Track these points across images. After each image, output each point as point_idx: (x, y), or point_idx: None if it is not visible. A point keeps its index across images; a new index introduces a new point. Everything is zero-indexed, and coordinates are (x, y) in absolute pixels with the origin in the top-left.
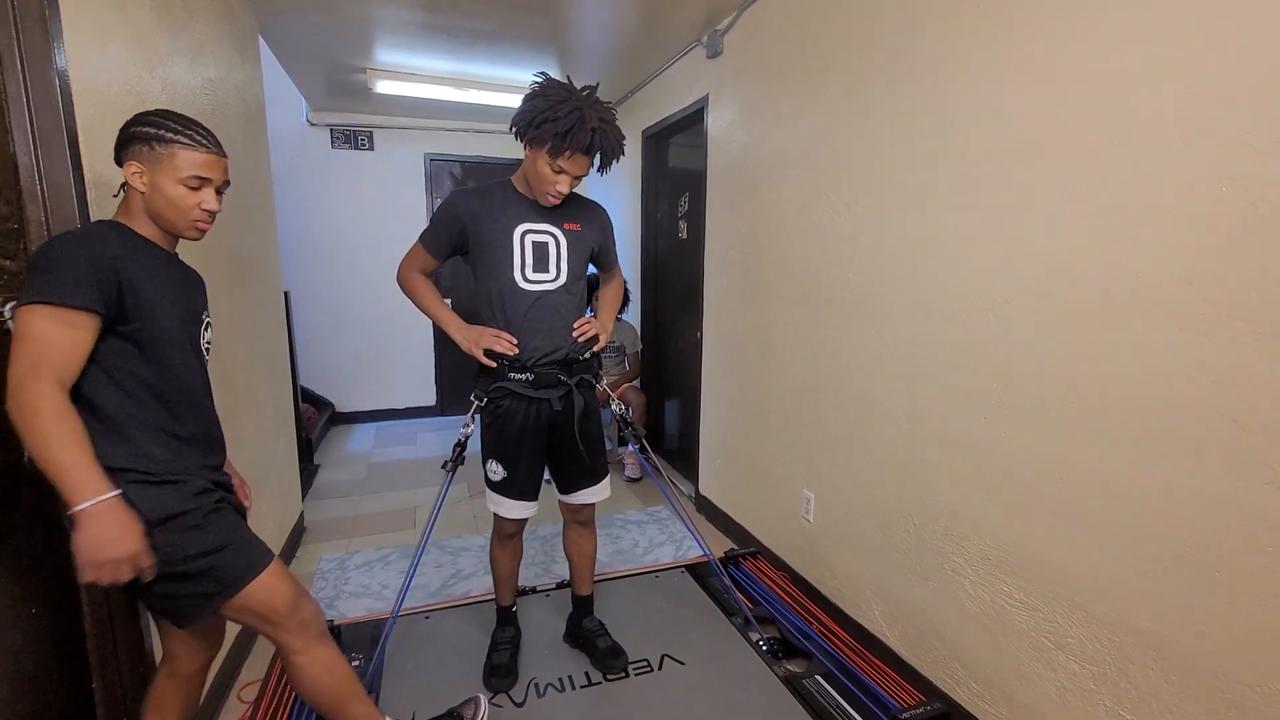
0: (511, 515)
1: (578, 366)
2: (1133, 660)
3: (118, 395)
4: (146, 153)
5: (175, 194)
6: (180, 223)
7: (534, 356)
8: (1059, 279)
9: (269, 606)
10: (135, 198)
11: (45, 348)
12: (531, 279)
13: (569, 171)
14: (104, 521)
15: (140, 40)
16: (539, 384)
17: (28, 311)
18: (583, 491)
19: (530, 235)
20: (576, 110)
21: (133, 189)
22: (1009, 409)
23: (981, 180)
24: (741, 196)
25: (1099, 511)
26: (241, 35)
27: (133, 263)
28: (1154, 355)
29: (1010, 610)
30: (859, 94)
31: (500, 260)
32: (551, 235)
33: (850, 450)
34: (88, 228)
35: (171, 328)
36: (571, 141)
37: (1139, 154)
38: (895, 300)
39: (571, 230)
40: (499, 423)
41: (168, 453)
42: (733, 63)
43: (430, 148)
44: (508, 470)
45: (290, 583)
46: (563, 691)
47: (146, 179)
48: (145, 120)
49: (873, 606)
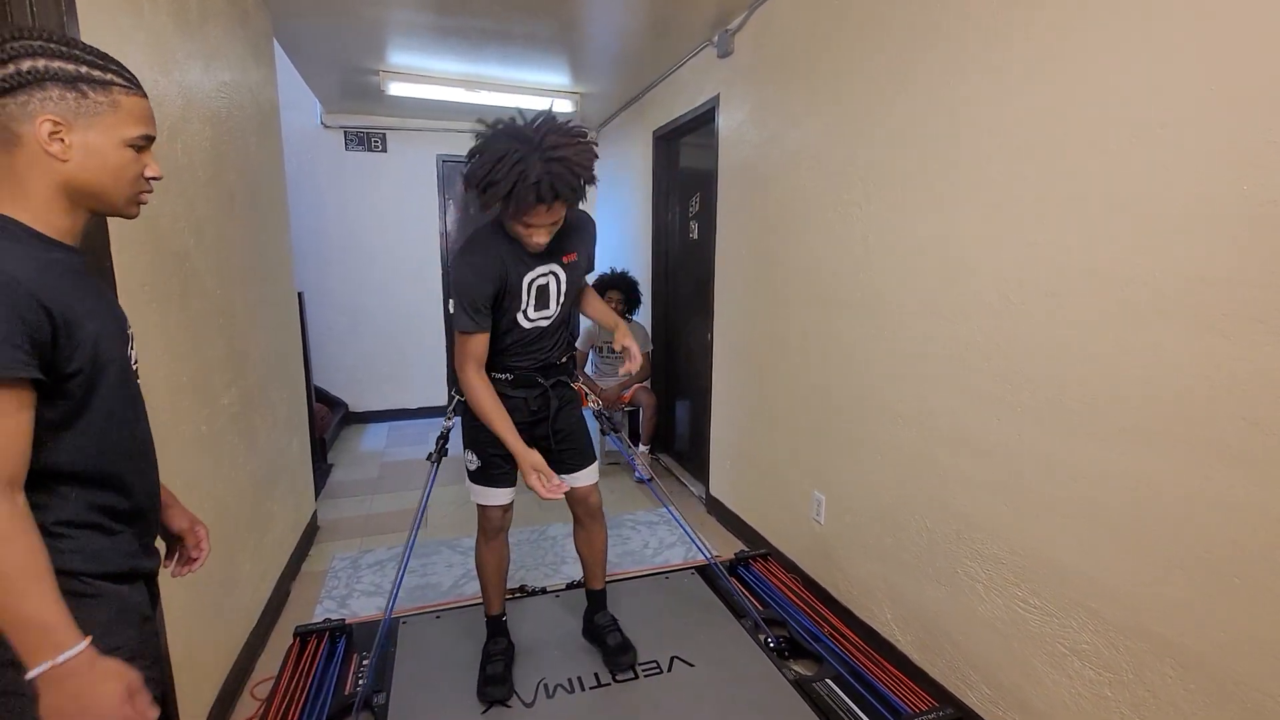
0: (489, 502)
1: (554, 370)
2: (1150, 667)
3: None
4: (71, 102)
5: (120, 160)
6: (120, 199)
7: (518, 366)
8: (1073, 279)
9: None
10: (39, 171)
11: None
12: (533, 318)
13: (536, 224)
14: (75, 683)
15: (156, 44)
16: (517, 384)
17: None
18: (572, 475)
19: (536, 281)
20: (517, 165)
21: (39, 156)
22: (1022, 410)
23: (994, 180)
24: (753, 197)
25: (1114, 515)
26: (256, 38)
27: (56, 286)
28: (1170, 356)
29: (1024, 615)
30: (871, 94)
31: (511, 305)
32: (552, 274)
33: (861, 452)
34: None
35: (114, 364)
36: (519, 201)
37: (1155, 153)
38: (908, 301)
39: (570, 263)
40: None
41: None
42: (744, 62)
43: (442, 149)
44: (482, 460)
45: None
46: (572, 692)
47: (71, 139)
48: (48, 49)
49: (884, 610)
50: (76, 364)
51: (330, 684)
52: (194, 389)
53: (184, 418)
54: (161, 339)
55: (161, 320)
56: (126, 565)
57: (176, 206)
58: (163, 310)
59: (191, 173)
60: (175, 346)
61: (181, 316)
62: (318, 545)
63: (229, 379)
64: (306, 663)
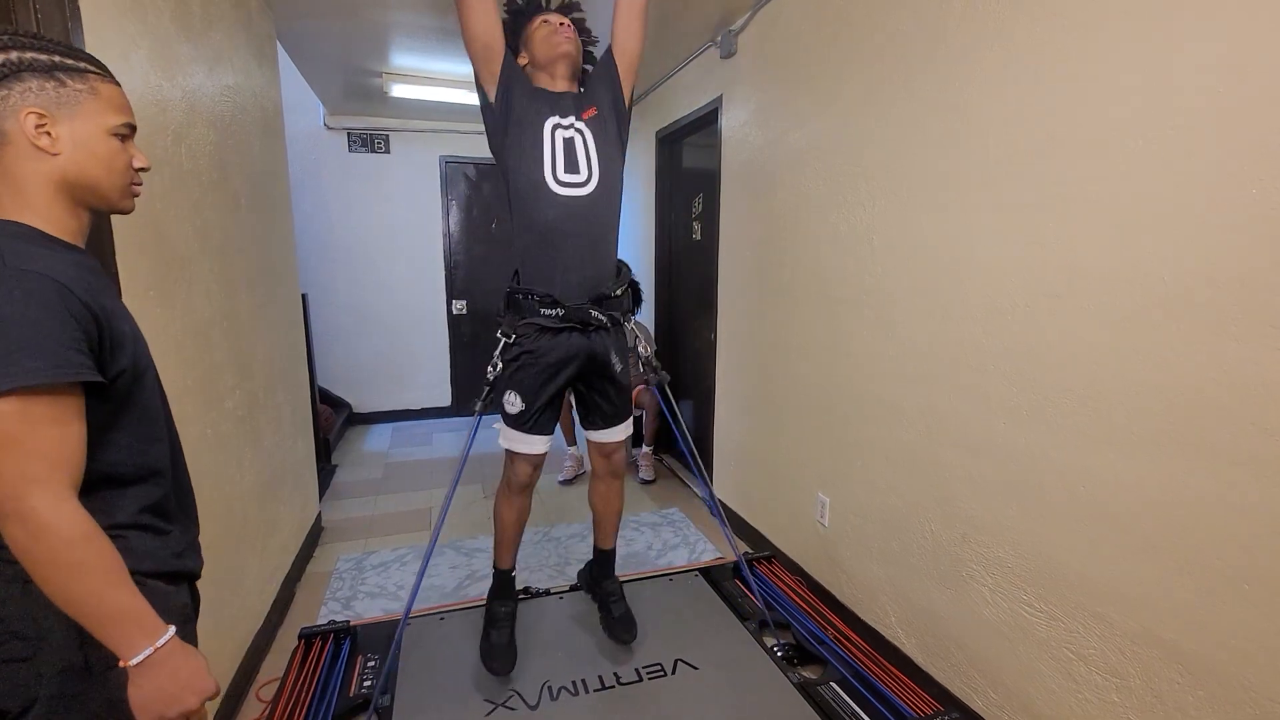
0: (523, 449)
1: (609, 303)
2: (1158, 674)
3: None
4: (51, 92)
5: (109, 149)
6: (114, 191)
7: (566, 290)
8: (1081, 280)
9: None
10: (32, 169)
11: (31, 443)
12: (564, 180)
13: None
14: (167, 668)
15: (161, 49)
16: (569, 319)
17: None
18: (610, 430)
19: (559, 130)
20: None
21: (28, 150)
22: (1029, 413)
23: (1001, 180)
24: (756, 197)
25: (1123, 520)
26: (260, 41)
27: (93, 288)
28: (1180, 360)
29: (1030, 619)
30: (875, 94)
31: (531, 157)
32: (577, 130)
33: (866, 454)
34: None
35: (150, 364)
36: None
37: (1164, 154)
38: (913, 302)
39: (592, 118)
40: (524, 355)
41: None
42: (747, 63)
43: (445, 150)
44: (525, 403)
45: None
46: (576, 695)
47: (58, 132)
48: (17, 41)
49: (889, 613)
50: (121, 364)
51: (335, 686)
52: (199, 392)
53: (190, 422)
54: (167, 343)
55: (166, 324)
56: (175, 565)
57: (181, 210)
58: (167, 314)
59: (196, 177)
60: (180, 350)
61: (186, 320)
62: (322, 546)
63: (234, 382)
64: (311, 664)
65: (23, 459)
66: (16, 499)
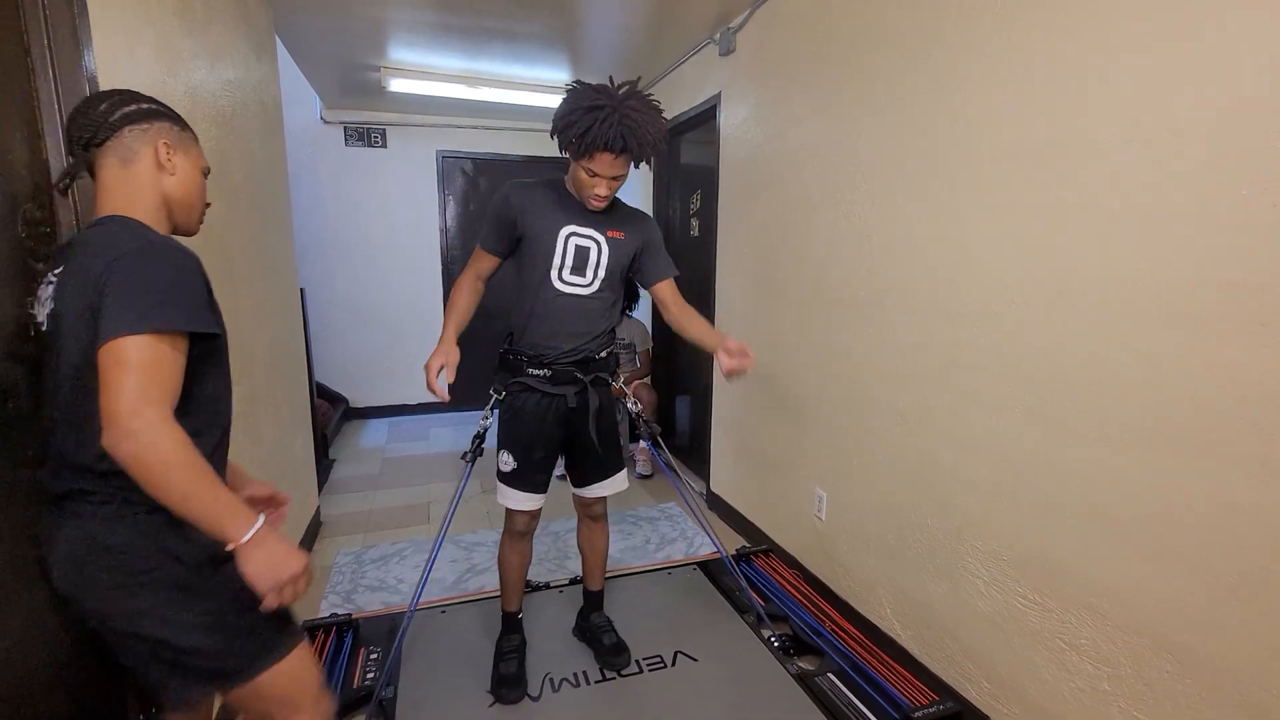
0: (519, 507)
1: (594, 365)
2: (1148, 663)
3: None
4: (175, 132)
5: (199, 183)
6: (195, 214)
7: (554, 354)
8: (1075, 281)
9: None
10: (147, 183)
11: (155, 373)
12: (567, 280)
13: (600, 174)
14: (268, 546)
15: (164, 44)
16: (556, 380)
17: (140, 343)
18: (596, 485)
19: (574, 238)
20: (594, 110)
21: (152, 169)
22: (1023, 411)
23: (998, 181)
24: (754, 194)
25: (1116, 516)
26: (259, 35)
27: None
28: (1170, 360)
29: (1023, 611)
30: (874, 93)
31: (541, 257)
32: (594, 240)
33: (862, 450)
34: (157, 237)
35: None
36: (590, 143)
37: (1157, 155)
38: (909, 300)
39: (615, 239)
40: (515, 415)
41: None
42: (745, 60)
43: (443, 145)
44: (519, 461)
45: (318, 667)
46: (577, 686)
47: (175, 160)
48: (142, 97)
49: (885, 605)
50: (218, 327)
51: (339, 679)
52: None
53: None
54: None
55: None
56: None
57: None
58: None
59: None
60: None
61: None
62: (321, 540)
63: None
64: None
65: (148, 383)
66: (135, 414)
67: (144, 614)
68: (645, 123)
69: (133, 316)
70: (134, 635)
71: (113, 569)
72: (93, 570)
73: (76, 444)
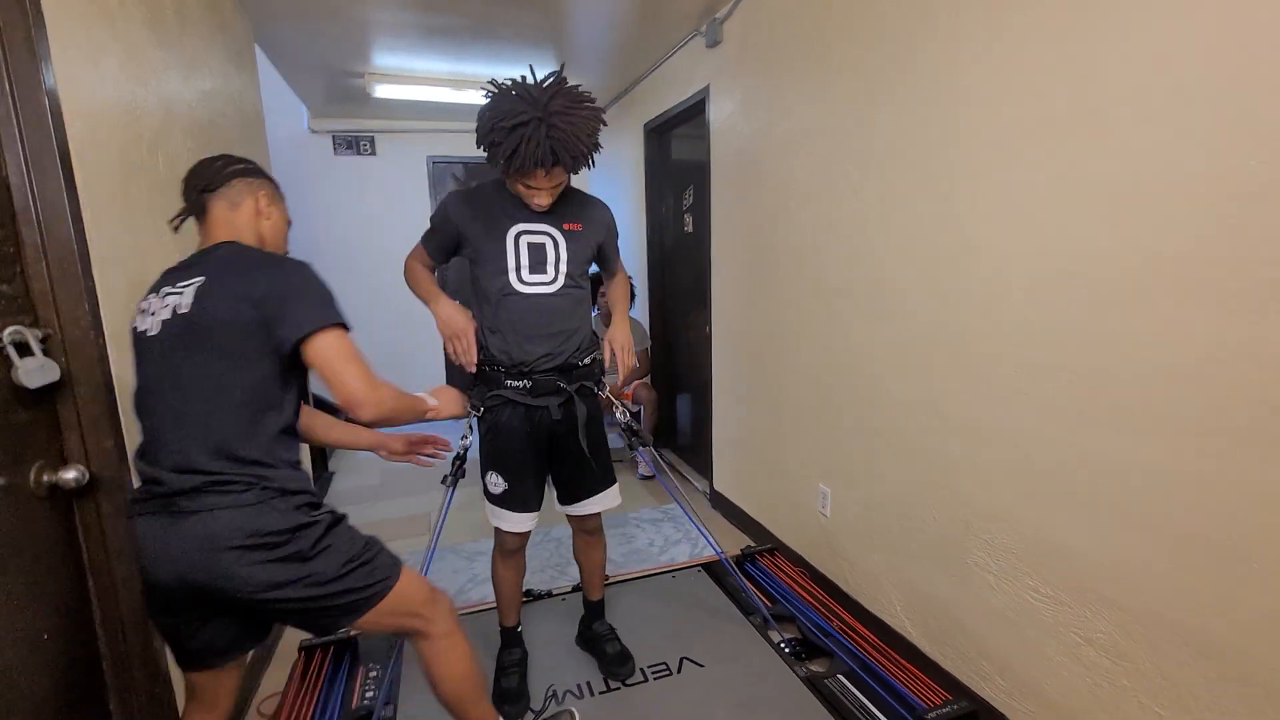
0: (513, 529)
1: (577, 372)
2: (1167, 655)
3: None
4: (272, 189)
5: (285, 231)
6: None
7: (530, 362)
8: (1081, 262)
9: (417, 600)
10: (248, 222)
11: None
12: (528, 280)
13: (536, 186)
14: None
15: (133, 55)
16: (537, 391)
17: (340, 334)
18: (588, 501)
19: (525, 236)
20: (520, 128)
21: (252, 214)
22: (1031, 398)
23: (997, 161)
24: (747, 187)
25: (1127, 502)
26: (237, 44)
27: None
28: (1182, 340)
29: (1036, 605)
30: (867, 77)
31: (494, 262)
32: (549, 235)
33: (865, 443)
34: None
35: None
36: (520, 164)
37: (1161, 129)
38: (910, 288)
39: (571, 230)
40: (497, 433)
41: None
42: (733, 51)
43: (432, 150)
44: (508, 482)
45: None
46: (581, 698)
47: (271, 211)
48: (247, 160)
49: (893, 602)
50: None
51: (337, 698)
52: None
53: None
54: None
55: None
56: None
57: (159, 222)
58: None
59: (174, 185)
60: None
61: None
62: None
63: None
64: (313, 677)
65: (360, 364)
66: (374, 386)
67: (289, 583)
68: (575, 131)
69: (329, 310)
70: (282, 600)
71: (254, 549)
72: (231, 554)
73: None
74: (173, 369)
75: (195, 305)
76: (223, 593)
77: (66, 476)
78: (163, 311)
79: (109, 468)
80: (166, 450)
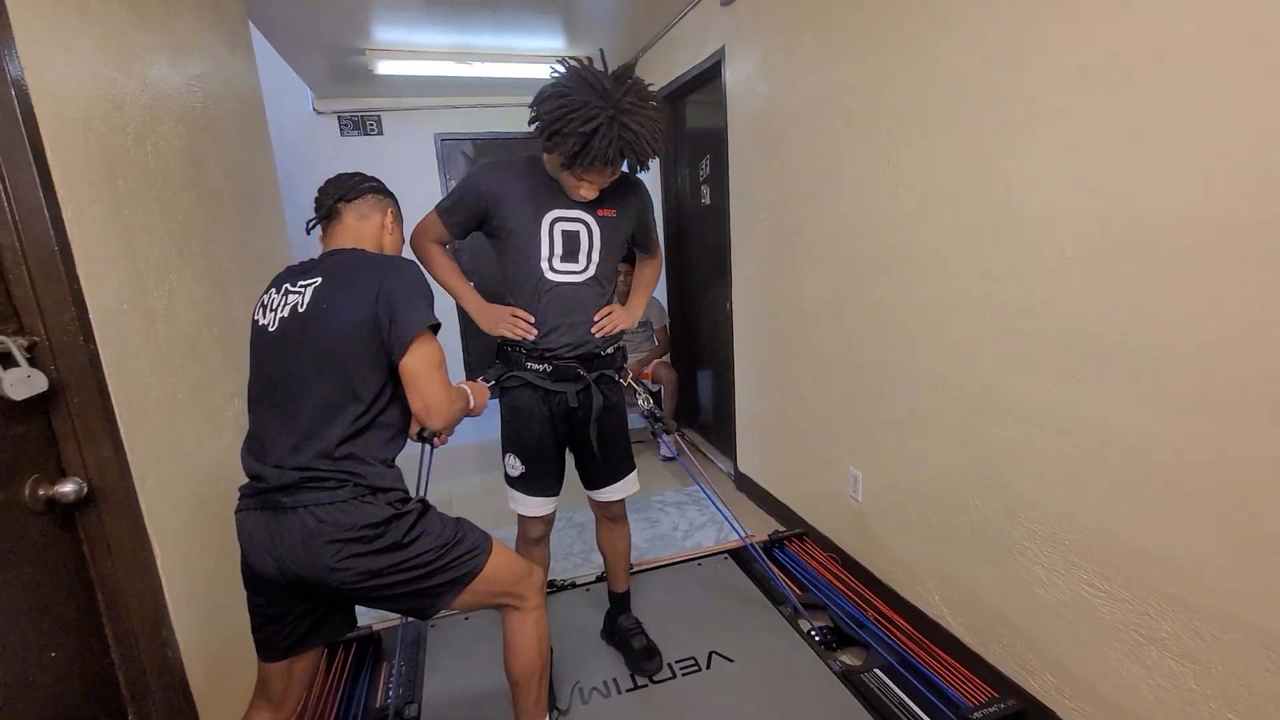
0: (532, 513)
1: (599, 361)
2: (1243, 659)
3: (398, 419)
4: (396, 208)
5: (400, 246)
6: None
7: (554, 347)
8: (1144, 227)
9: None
10: (372, 234)
11: (443, 365)
12: (559, 269)
13: (591, 180)
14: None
15: (111, 39)
16: (557, 377)
17: (432, 340)
18: (606, 489)
19: (561, 224)
20: (591, 122)
21: (378, 228)
22: (1084, 377)
23: (1045, 115)
24: (767, 154)
25: (1196, 491)
26: (230, 25)
27: None
28: (1257, 311)
29: (1092, 600)
30: (895, 29)
31: (526, 248)
32: (583, 223)
33: (899, 425)
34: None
35: None
36: (587, 164)
37: (1237, 75)
38: (948, 258)
39: (606, 217)
40: (516, 415)
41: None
42: (749, 8)
43: (440, 127)
44: (526, 465)
45: (513, 553)
46: (608, 696)
47: (394, 227)
48: (378, 180)
49: (931, 592)
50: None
51: (361, 695)
52: (192, 405)
53: (184, 436)
54: (150, 357)
55: (147, 337)
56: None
57: (151, 216)
58: (147, 327)
59: (167, 176)
60: (167, 363)
61: (170, 331)
62: None
63: (231, 390)
64: (335, 675)
65: (443, 375)
66: (449, 398)
67: (387, 569)
68: (645, 134)
69: (428, 313)
70: (382, 587)
71: (352, 541)
72: (331, 547)
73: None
74: (282, 366)
75: (311, 305)
76: (323, 584)
77: (64, 489)
78: (283, 309)
79: (109, 477)
80: (269, 446)
